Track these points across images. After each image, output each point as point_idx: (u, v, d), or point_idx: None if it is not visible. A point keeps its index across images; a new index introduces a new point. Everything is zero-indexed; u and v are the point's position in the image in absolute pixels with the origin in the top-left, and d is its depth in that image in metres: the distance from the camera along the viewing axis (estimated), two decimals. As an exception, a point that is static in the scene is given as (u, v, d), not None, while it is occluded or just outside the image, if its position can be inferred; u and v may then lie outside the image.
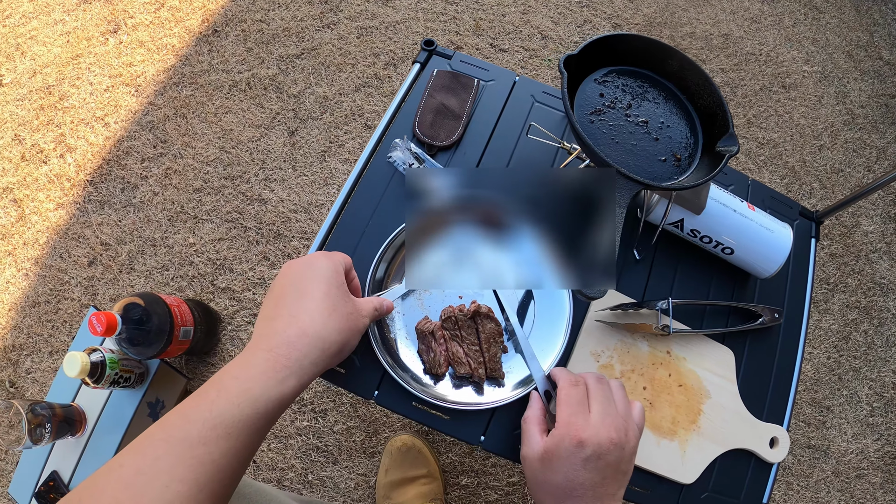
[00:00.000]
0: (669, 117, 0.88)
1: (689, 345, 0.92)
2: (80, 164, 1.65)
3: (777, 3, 2.24)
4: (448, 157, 0.98)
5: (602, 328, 0.90)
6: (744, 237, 0.92)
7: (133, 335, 1.08)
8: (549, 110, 1.04)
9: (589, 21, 2.00)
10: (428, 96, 1.00)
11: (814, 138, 1.97)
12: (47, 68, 1.80)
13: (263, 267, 1.51)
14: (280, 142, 1.68)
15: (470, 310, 0.83)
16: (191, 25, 1.85)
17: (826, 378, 1.63)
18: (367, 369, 0.83)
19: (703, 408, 0.89)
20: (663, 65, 0.89)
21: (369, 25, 1.88)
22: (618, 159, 0.80)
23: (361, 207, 0.93)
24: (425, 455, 1.25)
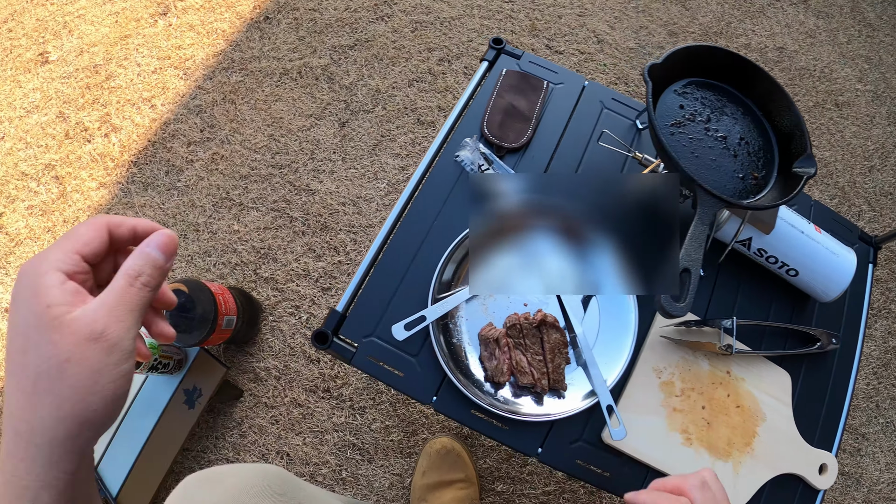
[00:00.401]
0: (747, 134, 0.85)
1: (749, 366, 0.91)
2: (125, 145, 1.64)
3: (832, 18, 2.19)
4: (516, 159, 0.97)
5: (665, 344, 0.88)
6: (810, 259, 0.90)
7: (176, 322, 1.07)
8: (617, 118, 1.02)
9: (645, 27, 1.96)
10: (497, 96, 0.98)
11: (864, 159, 1.92)
12: (94, 47, 1.80)
13: (308, 258, 1.50)
14: (330, 133, 1.66)
15: (536, 318, 0.81)
16: (242, 11, 1.84)
17: (864, 405, 1.58)
18: (426, 374, 0.82)
19: (758, 430, 0.88)
20: (745, 81, 0.86)
21: (424, 20, 1.86)
22: (698, 175, 0.78)
23: (426, 206, 0.92)
24: (464, 459, 1.24)
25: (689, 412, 0.86)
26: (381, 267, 0.88)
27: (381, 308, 0.85)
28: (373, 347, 0.83)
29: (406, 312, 0.83)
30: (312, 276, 1.47)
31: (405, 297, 0.86)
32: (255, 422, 1.34)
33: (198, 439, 1.33)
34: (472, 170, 0.93)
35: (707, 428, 0.86)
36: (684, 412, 0.86)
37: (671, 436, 0.85)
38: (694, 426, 0.86)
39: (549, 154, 0.98)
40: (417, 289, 0.86)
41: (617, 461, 0.83)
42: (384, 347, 0.83)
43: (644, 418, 0.84)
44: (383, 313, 0.85)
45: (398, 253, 0.89)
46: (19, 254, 1.54)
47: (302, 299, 1.45)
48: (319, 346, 0.82)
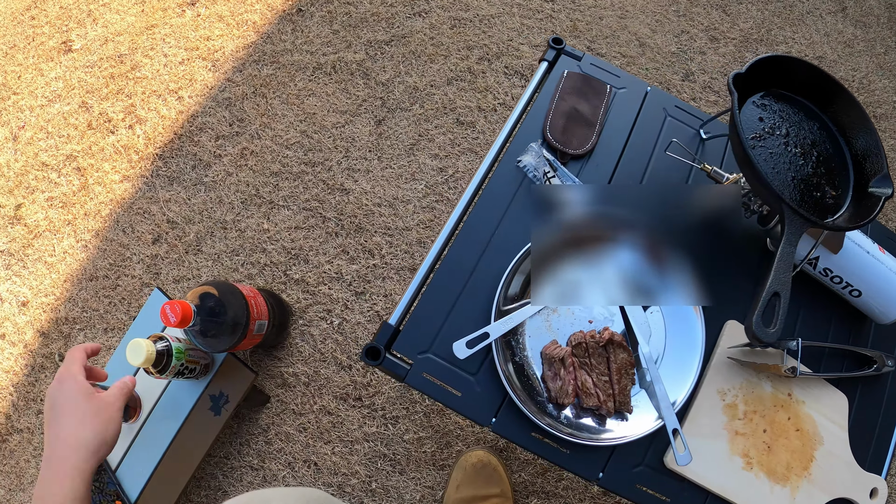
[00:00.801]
0: (824, 151, 0.82)
1: (809, 388, 0.88)
2: (150, 137, 1.60)
3: (869, 28, 2.15)
4: (580, 166, 0.93)
5: (729, 365, 0.85)
6: (875, 280, 0.87)
7: (207, 327, 1.01)
8: (680, 126, 0.98)
9: (686, 31, 1.92)
10: (559, 99, 0.94)
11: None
12: (120, 37, 1.76)
13: (342, 261, 1.45)
14: (366, 130, 1.62)
15: (603, 337, 0.77)
16: (274, 2, 1.79)
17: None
18: (486, 394, 0.78)
19: (815, 454, 0.85)
20: (822, 96, 0.83)
21: (462, 17, 1.81)
22: (781, 192, 0.74)
23: (487, 214, 0.88)
24: (500, 473, 1.20)
25: (751, 436, 0.83)
26: (437, 279, 0.84)
27: (437, 323, 0.81)
28: (429, 364, 0.79)
29: (465, 327, 0.79)
30: (345, 279, 1.43)
31: (464, 311, 0.82)
32: (281, 429, 1.30)
33: (221, 445, 1.30)
34: (536, 176, 0.89)
35: (767, 452, 0.83)
36: (746, 435, 0.83)
37: (732, 460, 0.82)
38: (755, 450, 0.83)
39: (613, 162, 0.94)
40: (478, 303, 0.82)
41: (677, 486, 0.80)
42: (441, 365, 0.79)
43: (706, 442, 0.82)
44: (440, 329, 0.81)
45: (456, 264, 0.85)
46: (38, 246, 1.51)
47: (334, 303, 1.41)
48: (371, 363, 0.78)
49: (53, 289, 1.47)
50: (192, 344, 1.06)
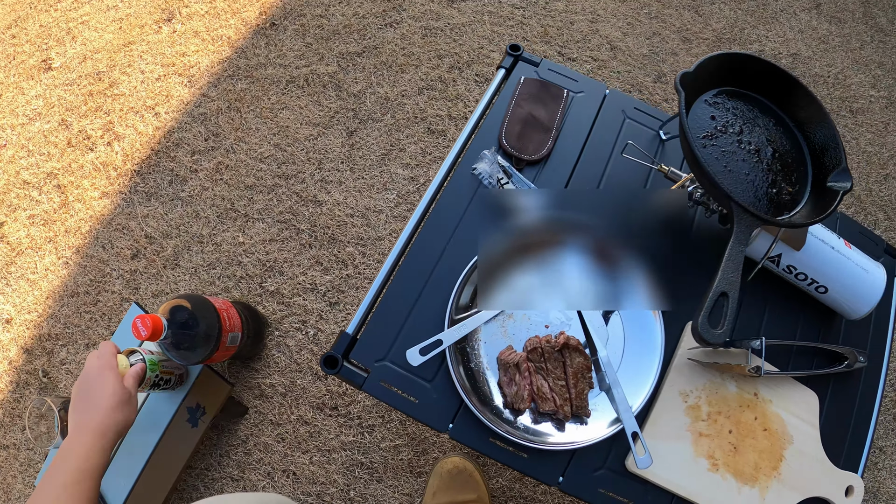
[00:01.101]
0: (780, 146, 0.82)
1: (776, 387, 0.87)
2: (128, 154, 1.61)
3: (844, 23, 2.16)
4: (536, 172, 0.93)
5: (691, 367, 0.85)
6: (840, 276, 0.87)
7: (179, 339, 1.02)
8: (640, 128, 0.98)
9: (658, 33, 1.93)
10: (515, 105, 0.94)
11: (880, 166, 1.89)
12: (98, 54, 1.77)
13: (316, 272, 1.46)
14: (338, 142, 1.63)
15: (559, 341, 0.77)
16: (248, 17, 1.81)
17: (882, 419, 1.55)
18: (442, 400, 0.78)
19: (785, 454, 0.85)
20: (777, 92, 0.83)
21: (433, 26, 1.82)
22: (733, 190, 0.74)
23: (442, 223, 0.88)
24: (476, 479, 1.20)
25: (716, 437, 0.83)
26: (393, 288, 0.85)
27: (394, 331, 0.81)
28: (385, 372, 0.79)
29: (421, 336, 0.79)
30: (320, 289, 1.43)
31: (420, 319, 0.82)
32: (260, 440, 1.30)
33: (202, 457, 1.30)
34: (491, 183, 0.89)
35: (734, 453, 0.83)
36: (711, 437, 0.83)
37: (697, 462, 0.81)
38: (720, 451, 0.82)
39: (570, 167, 0.94)
40: (433, 311, 0.82)
41: (640, 489, 0.80)
42: (397, 372, 0.79)
43: (669, 444, 0.81)
44: (396, 337, 0.81)
45: (412, 272, 0.85)
46: (20, 263, 1.52)
47: (309, 314, 1.41)
48: (329, 371, 0.78)
49: (36, 306, 1.48)
50: (166, 355, 1.07)
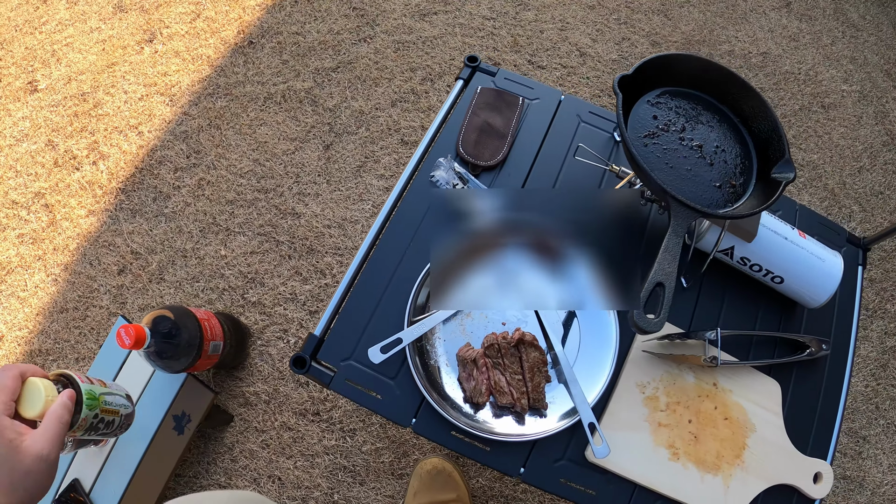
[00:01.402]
0: (724, 142, 0.85)
1: (736, 376, 0.89)
2: (113, 172, 1.65)
3: (815, 21, 2.20)
4: (492, 177, 0.96)
5: (648, 358, 0.87)
6: (795, 266, 0.89)
7: (162, 348, 1.06)
8: (595, 131, 1.02)
9: (627, 38, 1.97)
10: (472, 114, 0.98)
11: (853, 160, 1.92)
12: (82, 75, 1.81)
13: (295, 282, 1.50)
14: (315, 156, 1.67)
15: (514, 337, 0.80)
16: (226, 36, 1.85)
17: (863, 407, 1.57)
18: (405, 396, 0.81)
19: (747, 442, 0.86)
20: (719, 88, 0.86)
21: (406, 40, 1.87)
22: (673, 186, 0.77)
23: (402, 228, 0.92)
24: (455, 479, 1.23)
25: (676, 427, 0.85)
26: (357, 290, 0.88)
27: (358, 331, 0.85)
28: (351, 371, 0.82)
29: (383, 335, 0.82)
30: (300, 299, 1.47)
31: (382, 319, 0.86)
32: (245, 446, 1.33)
33: (189, 465, 1.32)
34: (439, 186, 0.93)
35: (694, 442, 0.85)
36: (670, 427, 0.85)
37: (657, 451, 0.83)
38: (681, 440, 0.84)
39: (525, 171, 0.97)
40: (394, 311, 0.86)
41: (602, 479, 0.82)
42: (362, 371, 0.82)
43: (629, 435, 0.83)
44: (360, 337, 0.84)
45: (375, 276, 0.89)
46: (10, 282, 1.55)
47: (290, 323, 1.44)
48: (298, 371, 0.81)
49: (27, 322, 1.50)
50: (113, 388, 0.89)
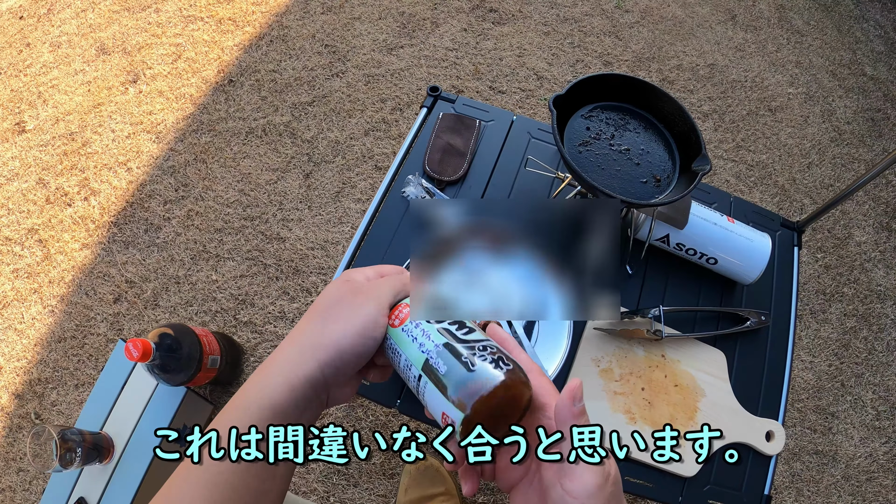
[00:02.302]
0: (649, 144, 0.97)
1: (682, 348, 1.00)
2: (104, 207, 1.73)
3: (760, 30, 2.34)
4: (455, 190, 1.09)
5: (600, 336, 0.98)
6: (726, 247, 1.00)
7: (165, 362, 1.16)
8: (544, 145, 1.15)
9: (581, 60, 2.11)
10: (435, 137, 1.11)
11: (802, 157, 2.04)
12: (69, 116, 1.90)
13: (283, 301, 1.60)
14: (296, 184, 1.78)
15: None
16: (207, 76, 1.97)
17: (829, 385, 1.67)
18: (389, 380, 0.90)
19: (699, 405, 0.96)
20: (641, 97, 0.98)
21: (375, 73, 2.00)
22: (604, 183, 0.89)
23: (380, 238, 1.03)
24: (443, 473, 1.31)
25: (630, 394, 0.95)
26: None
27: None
28: (338, 362, 0.93)
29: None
30: (288, 317, 1.57)
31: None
32: (246, 455, 1.40)
33: (192, 479, 1.39)
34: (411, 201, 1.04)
35: (649, 407, 0.94)
36: (625, 394, 0.95)
37: (615, 416, 0.93)
38: (636, 406, 0.94)
39: (484, 183, 1.10)
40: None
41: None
42: (348, 362, 0.93)
43: (588, 403, 0.91)
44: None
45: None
46: (7, 315, 1.62)
47: (280, 339, 1.53)
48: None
49: (25, 353, 1.56)
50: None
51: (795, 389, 1.64)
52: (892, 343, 1.76)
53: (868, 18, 2.52)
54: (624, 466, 0.91)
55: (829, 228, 1.91)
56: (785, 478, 1.53)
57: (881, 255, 1.90)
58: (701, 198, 1.14)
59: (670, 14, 2.31)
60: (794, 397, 1.62)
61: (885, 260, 1.89)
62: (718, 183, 1.93)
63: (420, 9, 2.17)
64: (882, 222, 1.97)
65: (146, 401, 1.27)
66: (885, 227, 1.96)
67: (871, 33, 2.47)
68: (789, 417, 1.55)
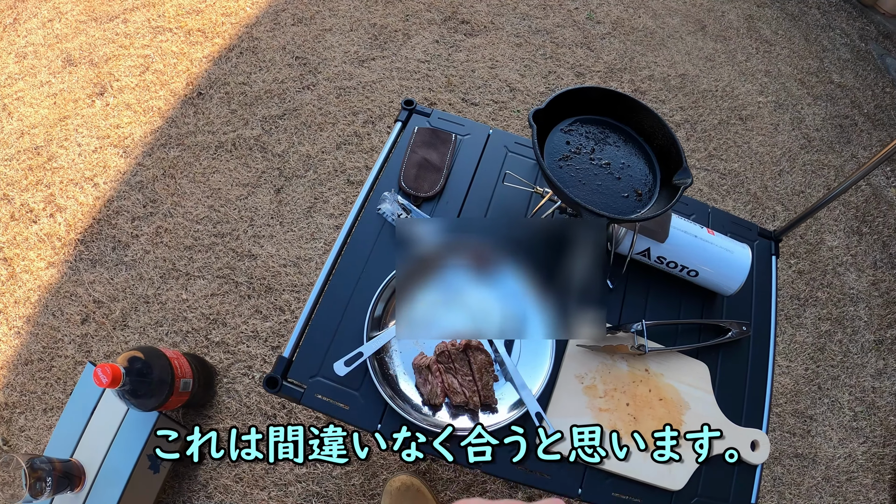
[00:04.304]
0: (629, 158, 0.97)
1: (666, 362, 1.00)
2: (71, 224, 1.68)
3: (729, 41, 2.38)
4: (432, 206, 1.07)
5: (583, 352, 0.97)
6: (706, 260, 1.00)
7: (136, 387, 1.11)
8: (521, 159, 1.14)
9: (553, 71, 2.12)
10: (411, 152, 1.09)
11: (773, 164, 2.08)
12: (35, 129, 1.84)
13: (256, 320, 1.56)
14: (267, 199, 1.74)
15: (461, 344, 0.89)
16: (176, 88, 1.92)
17: (806, 389, 1.69)
18: (369, 404, 0.89)
19: (683, 418, 0.96)
20: (620, 111, 0.98)
21: (347, 86, 1.98)
22: (585, 198, 0.88)
23: (356, 256, 1.01)
24: (424, 493, 1.28)
25: (615, 410, 0.94)
26: (320, 314, 0.96)
27: (323, 350, 0.93)
28: (319, 386, 0.90)
29: (346, 351, 0.90)
30: (261, 336, 1.53)
31: (344, 338, 0.94)
32: (219, 482, 1.37)
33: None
34: (393, 220, 1.02)
35: (634, 422, 0.94)
36: (610, 411, 0.94)
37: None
38: (621, 422, 0.93)
39: (461, 199, 1.09)
40: (354, 330, 0.94)
41: (555, 465, 0.90)
42: (329, 385, 0.90)
43: (573, 421, 0.91)
44: (325, 354, 0.92)
45: (334, 299, 0.97)
46: (-29, 336, 1.55)
47: (253, 359, 1.50)
48: (270, 391, 0.88)
49: (-9, 376, 1.50)
50: None
51: (774, 394, 1.65)
52: (867, 345, 1.79)
53: (834, 27, 2.58)
54: (611, 482, 0.91)
55: (801, 234, 1.94)
56: (767, 482, 1.54)
57: (853, 259, 1.93)
58: (680, 210, 1.15)
59: (641, 25, 2.33)
60: (772, 402, 1.63)
61: (856, 263, 1.93)
62: (692, 192, 1.94)
63: (392, 20, 2.15)
64: (853, 227, 2.00)
65: (117, 426, 1.23)
66: (855, 232, 1.99)
67: (838, 41, 2.53)
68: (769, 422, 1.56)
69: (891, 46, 2.59)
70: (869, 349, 1.78)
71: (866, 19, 2.67)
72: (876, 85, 2.42)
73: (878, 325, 1.83)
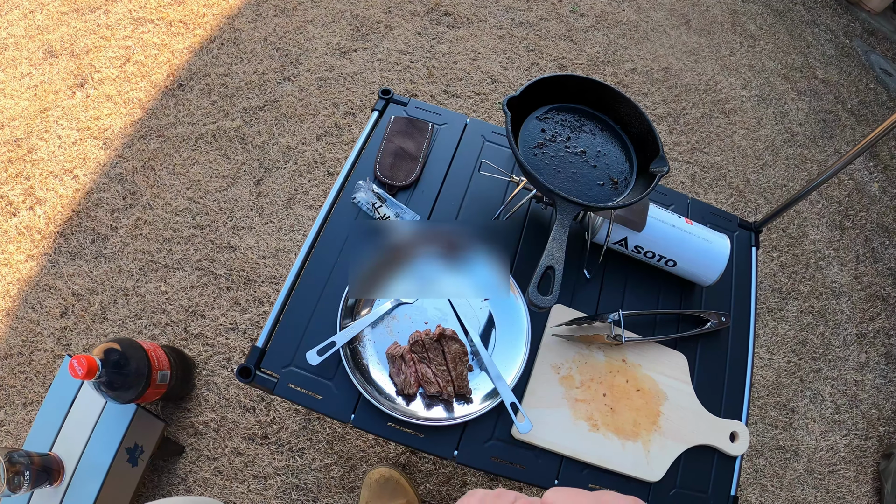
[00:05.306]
0: (605, 146, 0.96)
1: (643, 352, 0.99)
2: (50, 216, 1.66)
3: (713, 35, 2.39)
4: (408, 195, 1.06)
5: (560, 342, 0.97)
6: (684, 249, 1.00)
7: (112, 379, 1.10)
8: (498, 148, 1.13)
9: (536, 64, 2.11)
10: (387, 141, 1.08)
11: (756, 158, 2.08)
12: (15, 121, 1.82)
13: (235, 312, 1.55)
14: (246, 191, 1.73)
15: (435, 333, 0.89)
16: (156, 80, 1.90)
17: (788, 382, 1.70)
18: (343, 394, 0.89)
19: (661, 409, 0.96)
20: (597, 99, 0.98)
21: (328, 77, 1.97)
22: (560, 186, 0.88)
23: (330, 246, 1.00)
24: (403, 485, 1.28)
25: (592, 401, 0.94)
26: (294, 303, 0.95)
27: (296, 340, 0.92)
28: (292, 376, 0.89)
29: (318, 341, 0.90)
30: (240, 328, 1.52)
31: (317, 327, 0.93)
32: (199, 476, 1.36)
33: (144, 500, 1.34)
34: (368, 209, 1.01)
35: (611, 413, 0.93)
36: (587, 401, 0.94)
37: (578, 424, 0.92)
38: (598, 413, 0.93)
39: (437, 187, 1.08)
40: (327, 319, 0.93)
41: (531, 455, 0.90)
42: (302, 375, 0.89)
43: (550, 411, 0.91)
44: (298, 344, 0.92)
45: (308, 289, 0.96)
46: (-49, 328, 1.53)
47: (232, 351, 1.49)
48: (243, 381, 0.87)
49: (-30, 371, 1.49)
50: None
51: (756, 387, 1.66)
52: (849, 338, 1.80)
53: (819, 23, 2.59)
54: (588, 473, 0.91)
55: (783, 228, 1.95)
56: (749, 474, 1.55)
57: (835, 253, 1.94)
58: (658, 200, 1.14)
59: (625, 18, 2.33)
60: (754, 394, 1.64)
61: (838, 257, 1.94)
62: (674, 185, 1.95)
63: (374, 12, 2.14)
64: (835, 221, 2.01)
65: (95, 419, 1.21)
66: (838, 226, 2.00)
67: (822, 37, 2.54)
68: (751, 415, 1.57)
69: (875, 43, 2.61)
70: (851, 342, 1.79)
71: (851, 16, 2.69)
72: (860, 81, 2.44)
73: (860, 319, 1.84)
